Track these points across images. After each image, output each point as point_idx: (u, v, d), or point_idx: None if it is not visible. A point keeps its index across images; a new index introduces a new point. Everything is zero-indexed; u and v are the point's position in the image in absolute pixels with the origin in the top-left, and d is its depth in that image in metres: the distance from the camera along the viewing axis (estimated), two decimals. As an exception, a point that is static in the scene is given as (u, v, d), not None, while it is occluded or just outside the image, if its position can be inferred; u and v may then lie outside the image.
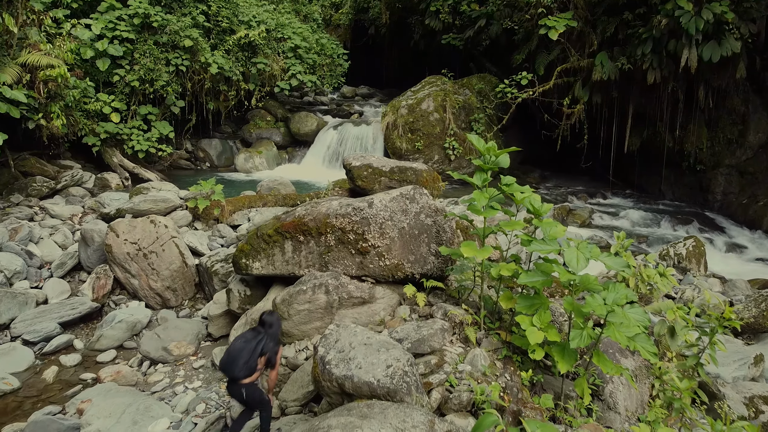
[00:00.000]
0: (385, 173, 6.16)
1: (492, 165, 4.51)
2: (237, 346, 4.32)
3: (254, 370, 4.32)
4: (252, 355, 4.28)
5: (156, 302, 7.61)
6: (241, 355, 4.25)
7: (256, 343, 4.33)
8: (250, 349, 4.28)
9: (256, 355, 4.30)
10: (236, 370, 4.24)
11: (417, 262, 5.32)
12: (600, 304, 4.02)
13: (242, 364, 4.24)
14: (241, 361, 4.24)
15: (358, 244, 5.29)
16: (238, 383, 4.29)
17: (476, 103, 15.13)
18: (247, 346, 4.30)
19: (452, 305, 5.14)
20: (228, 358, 4.28)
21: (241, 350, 4.27)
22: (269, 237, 5.68)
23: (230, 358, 4.26)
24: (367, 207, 5.31)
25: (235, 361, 4.25)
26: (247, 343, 4.31)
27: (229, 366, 4.26)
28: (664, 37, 11.34)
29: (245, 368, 4.26)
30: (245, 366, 4.25)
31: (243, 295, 6.24)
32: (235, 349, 4.30)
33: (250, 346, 4.30)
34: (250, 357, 4.26)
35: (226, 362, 4.28)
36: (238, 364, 4.23)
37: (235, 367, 4.24)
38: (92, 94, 12.79)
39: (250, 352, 4.28)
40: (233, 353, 4.28)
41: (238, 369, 4.23)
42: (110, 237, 7.49)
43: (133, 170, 13.48)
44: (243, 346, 4.30)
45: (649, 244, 10.33)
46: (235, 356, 4.26)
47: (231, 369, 4.25)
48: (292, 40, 16.27)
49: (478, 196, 4.22)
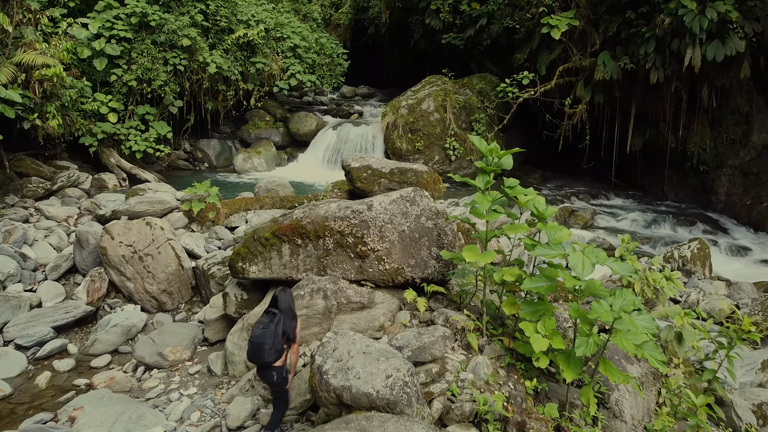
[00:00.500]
0: (385, 175, 6.03)
1: (494, 167, 4.38)
2: (258, 333, 4.39)
3: (282, 352, 4.45)
4: (276, 337, 4.39)
5: (152, 306, 7.48)
6: (266, 341, 4.33)
7: (275, 325, 4.42)
8: (272, 332, 4.38)
9: (279, 336, 4.41)
10: (265, 356, 4.33)
11: (417, 266, 5.19)
12: (607, 311, 3.89)
13: (269, 349, 4.33)
14: (267, 346, 4.32)
15: (357, 247, 5.16)
16: (269, 368, 4.38)
17: (477, 103, 14.99)
18: (268, 330, 4.38)
19: (453, 310, 5.00)
20: (254, 347, 4.36)
21: (264, 336, 4.36)
22: (266, 240, 5.55)
23: (256, 347, 4.35)
24: (367, 210, 5.17)
25: (261, 347, 4.33)
26: (267, 328, 4.40)
27: (257, 354, 4.34)
28: (667, 36, 11.20)
29: (273, 352, 4.36)
30: (273, 350, 4.35)
31: (240, 299, 6.11)
32: (258, 337, 4.37)
33: (270, 329, 4.39)
34: (274, 340, 4.37)
35: (253, 351, 4.36)
36: (265, 349, 4.32)
37: (264, 353, 4.32)
38: (89, 93, 12.65)
39: (273, 335, 4.37)
40: (257, 341, 4.36)
41: (267, 354, 4.32)
42: (105, 239, 7.36)
43: (131, 171, 13.34)
44: (264, 331, 4.38)
45: (652, 245, 10.19)
46: (260, 343, 4.34)
47: (260, 356, 4.33)
48: (291, 40, 16.13)
49: (481, 200, 4.09)
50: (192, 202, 6.39)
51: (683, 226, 11.34)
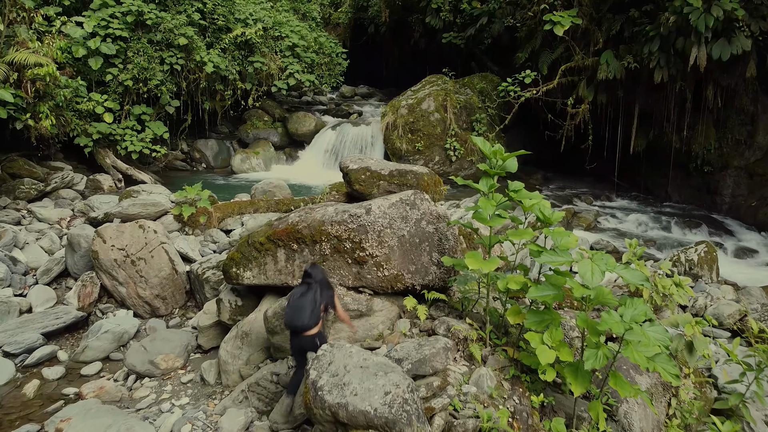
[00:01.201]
0: (384, 177, 5.83)
1: (498, 170, 4.18)
2: (297, 300, 4.45)
3: (320, 318, 4.51)
4: (315, 303, 4.45)
5: (145, 311, 7.28)
6: (305, 306, 4.40)
7: (313, 293, 4.47)
8: (311, 299, 4.45)
9: (318, 303, 4.48)
10: (306, 320, 4.38)
11: (418, 272, 4.99)
12: (617, 322, 3.70)
13: (309, 314, 4.39)
14: (308, 311, 4.38)
15: (354, 253, 4.96)
16: (309, 335, 4.41)
17: (478, 102, 14.79)
18: (306, 297, 4.45)
19: (455, 318, 4.81)
20: (294, 312, 4.42)
21: (304, 302, 4.43)
22: (261, 245, 5.35)
23: (296, 312, 4.40)
24: (365, 214, 4.98)
25: (301, 312, 4.39)
26: (305, 296, 4.46)
27: (297, 318, 4.39)
28: (672, 35, 11.00)
29: (313, 317, 4.42)
30: (312, 315, 4.41)
31: (234, 305, 5.91)
32: (297, 303, 4.44)
33: (309, 296, 4.45)
34: (314, 306, 4.43)
35: (294, 316, 4.41)
36: (306, 314, 4.38)
37: (304, 316, 4.38)
38: (84, 93, 12.44)
39: (312, 301, 4.44)
40: (297, 306, 4.42)
41: (308, 318, 4.38)
42: (97, 243, 7.16)
43: (127, 171, 13.14)
44: (303, 299, 4.44)
45: (657, 248, 10.00)
46: (300, 308, 4.40)
47: (300, 320, 4.37)
48: (289, 39, 15.93)
49: (484, 204, 3.90)
50: (182, 206, 6.13)
51: (688, 228, 11.14)
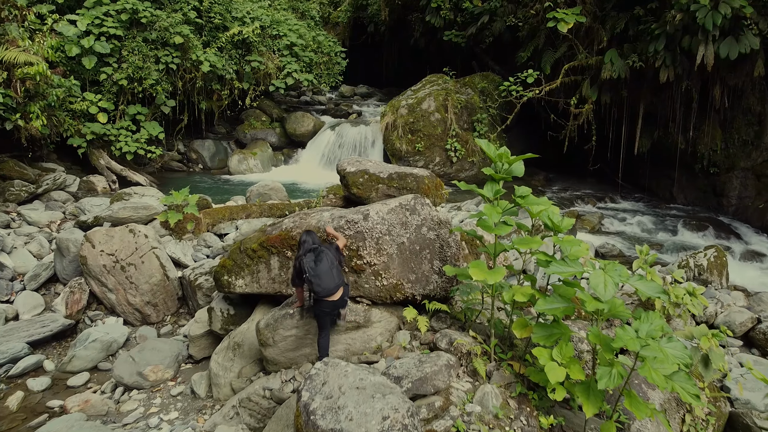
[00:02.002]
0: (383, 180, 5.58)
1: (504, 174, 3.93)
2: (317, 267, 4.37)
3: (343, 278, 4.52)
4: (333, 263, 4.43)
5: (135, 318, 7.03)
6: (329, 268, 4.37)
7: (325, 255, 4.43)
8: (328, 260, 4.42)
9: (334, 261, 4.46)
10: (338, 279, 4.38)
11: (418, 281, 4.73)
12: (632, 338, 3.44)
13: (337, 273, 4.40)
14: (334, 272, 4.38)
15: (351, 261, 4.71)
16: (342, 295, 4.41)
17: (479, 102, 14.53)
18: (323, 261, 4.40)
19: (458, 330, 4.56)
20: (323, 279, 4.33)
21: (324, 266, 4.38)
22: (253, 252, 5.10)
23: (326, 277, 4.34)
24: (362, 220, 4.72)
25: (329, 275, 4.35)
26: (321, 261, 4.40)
27: (332, 282, 4.34)
28: (678, 33, 10.73)
29: (340, 275, 4.44)
30: (339, 273, 4.43)
31: (226, 314, 5.66)
32: (320, 269, 4.36)
33: (324, 259, 4.41)
34: (334, 265, 4.42)
35: (328, 282, 4.33)
36: (335, 273, 4.37)
37: (336, 277, 4.37)
38: (78, 93, 12.19)
39: (330, 262, 4.41)
40: (322, 272, 4.35)
41: (338, 277, 4.38)
42: (85, 248, 6.91)
43: (121, 173, 12.88)
44: (321, 264, 4.38)
45: (663, 251, 9.73)
46: (326, 272, 4.35)
47: (335, 281, 4.35)
48: (288, 38, 15.66)
49: (490, 211, 3.64)
50: (168, 212, 5.80)
51: (694, 230, 10.88)
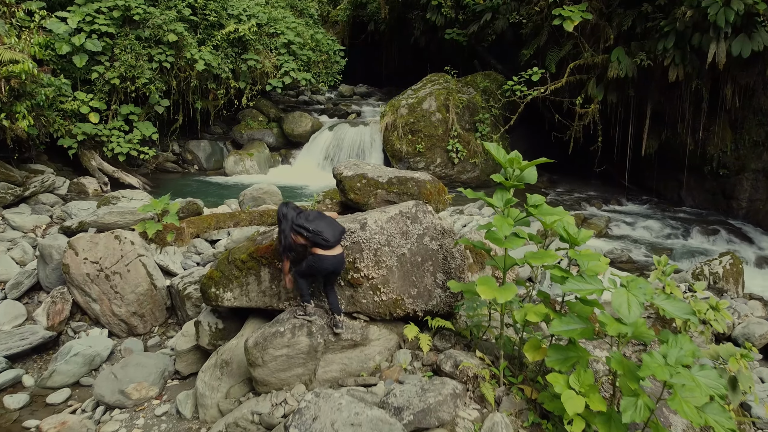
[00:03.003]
0: (382, 185, 5.22)
1: (515, 180, 3.56)
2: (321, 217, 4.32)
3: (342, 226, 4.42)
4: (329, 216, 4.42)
5: (121, 329, 6.67)
6: (325, 217, 4.34)
7: (314, 212, 4.39)
8: (315, 212, 4.39)
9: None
10: (338, 224, 4.29)
11: (420, 296, 4.37)
12: (661, 366, 3.08)
13: (338, 225, 4.29)
14: (335, 224, 4.28)
15: (348, 274, 4.34)
16: (341, 254, 4.27)
17: (481, 102, 14.16)
18: (319, 215, 4.36)
19: (463, 350, 4.19)
20: (330, 227, 4.24)
21: (330, 219, 4.34)
22: (243, 263, 4.74)
23: (333, 225, 4.26)
24: (359, 229, 4.36)
25: (335, 223, 4.29)
26: (323, 216, 4.36)
27: (339, 228, 4.26)
28: (688, 31, 10.37)
29: (339, 227, 4.30)
30: (338, 225, 4.31)
31: (214, 328, 5.30)
32: (324, 219, 4.31)
33: (311, 212, 4.38)
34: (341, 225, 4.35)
35: (335, 229, 4.24)
36: (339, 228, 4.27)
37: (334, 223, 4.28)
38: (69, 92, 11.83)
39: (316, 212, 4.39)
40: (327, 221, 4.28)
41: (341, 231, 4.27)
42: (68, 255, 6.55)
43: (113, 174, 12.52)
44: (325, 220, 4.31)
45: (674, 257, 9.37)
46: (331, 220, 4.30)
47: (335, 228, 4.24)
48: (285, 36, 15.30)
49: (500, 223, 3.28)
50: (145, 222, 5.34)
51: (705, 235, 10.52)
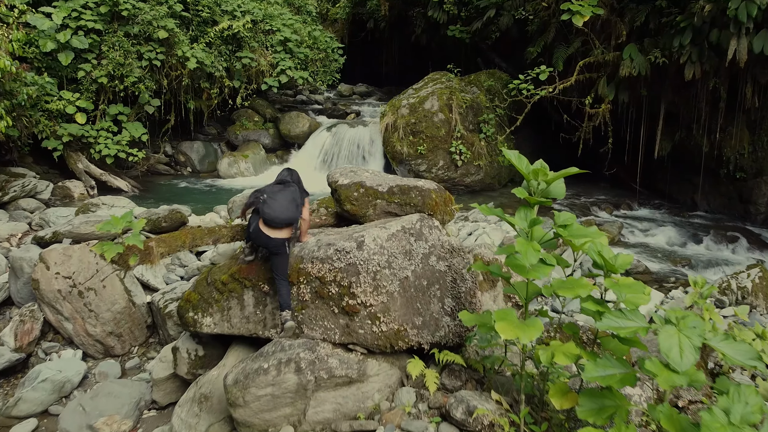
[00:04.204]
0: (382, 195, 4.65)
1: (541, 195, 2.99)
2: (277, 193, 4.05)
3: (299, 215, 4.09)
4: (296, 200, 4.07)
5: (96, 350, 6.10)
6: (288, 199, 4.01)
7: (292, 191, 4.10)
8: (292, 193, 4.08)
9: (299, 200, 4.10)
10: (291, 212, 3.98)
11: (426, 326, 3.80)
12: (723, 425, 2.51)
13: (295, 208, 4.02)
14: (293, 205, 4.01)
15: (342, 300, 3.78)
16: (282, 236, 3.91)
17: (485, 102, 13.58)
18: (286, 191, 4.08)
19: (476, 390, 3.63)
20: (276, 204, 3.96)
21: (285, 194, 4.05)
22: (223, 285, 4.17)
23: (279, 203, 3.96)
24: (356, 249, 3.79)
25: (284, 204, 3.97)
26: (284, 191, 4.08)
27: (282, 209, 3.94)
28: (706, 26, 9.80)
29: (297, 211, 4.05)
30: (297, 209, 4.04)
31: (194, 356, 4.73)
32: (278, 195, 4.02)
33: (288, 191, 4.08)
34: (296, 201, 4.06)
35: (277, 208, 3.93)
36: (293, 206, 4.00)
37: (291, 208, 3.98)
38: (54, 91, 11.26)
39: (293, 195, 4.07)
40: (281, 199, 4.00)
41: (293, 211, 3.99)
42: (39, 269, 5.99)
43: (101, 177, 11.96)
44: (283, 192, 4.05)
45: (693, 267, 8.80)
46: (282, 199, 3.99)
47: (286, 211, 3.94)
48: (281, 33, 14.72)
49: (524, 248, 2.70)
50: (103, 244, 4.29)
51: (724, 242, 9.95)
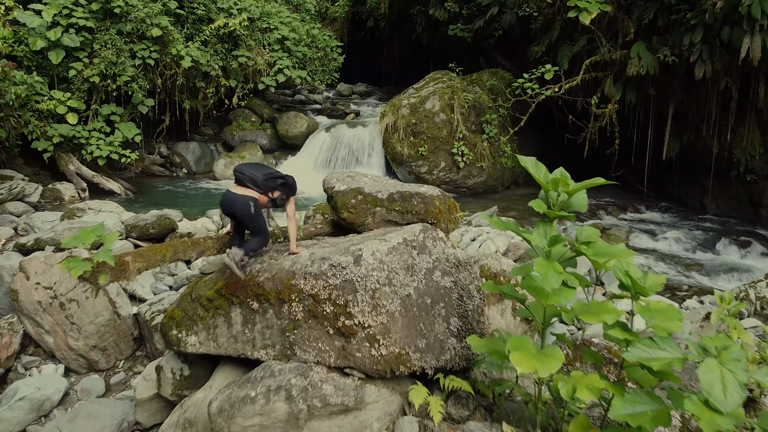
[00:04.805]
0: (382, 202, 4.31)
1: (561, 207, 2.66)
2: (259, 164, 4.07)
3: (270, 189, 3.92)
4: (275, 173, 4.00)
5: (79, 365, 5.76)
6: (264, 169, 3.97)
7: (279, 176, 4.01)
8: (275, 171, 4.04)
9: (277, 182, 3.95)
10: (259, 175, 3.87)
11: (429, 349, 3.46)
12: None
13: (266, 175, 3.91)
14: (264, 172, 3.93)
15: (338, 320, 3.44)
16: (247, 194, 3.81)
17: (488, 102, 13.24)
18: (271, 168, 4.06)
19: (485, 419, 3.29)
20: (248, 166, 3.94)
21: (262, 165, 4.04)
22: (209, 301, 3.83)
23: (251, 166, 3.95)
24: (353, 264, 3.45)
25: (257, 168, 3.93)
26: (264, 167, 4.06)
27: (249, 170, 3.88)
28: (718, 24, 9.47)
29: (268, 180, 3.90)
30: (269, 178, 3.91)
31: (179, 376, 4.38)
32: (258, 163, 4.04)
33: (274, 170, 4.06)
34: (273, 173, 3.97)
35: (246, 167, 3.91)
36: (261, 172, 3.91)
37: (259, 173, 3.89)
38: (45, 91, 10.93)
39: (274, 172, 4.01)
40: (253, 164, 4.00)
41: (262, 177, 3.87)
42: (18, 279, 5.65)
43: (93, 179, 11.61)
44: (261, 166, 4.03)
45: (706, 274, 8.46)
46: (256, 166, 3.97)
47: (252, 172, 3.86)
48: (279, 31, 14.38)
49: (544, 270, 2.36)
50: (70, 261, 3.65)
51: (736, 247, 9.60)
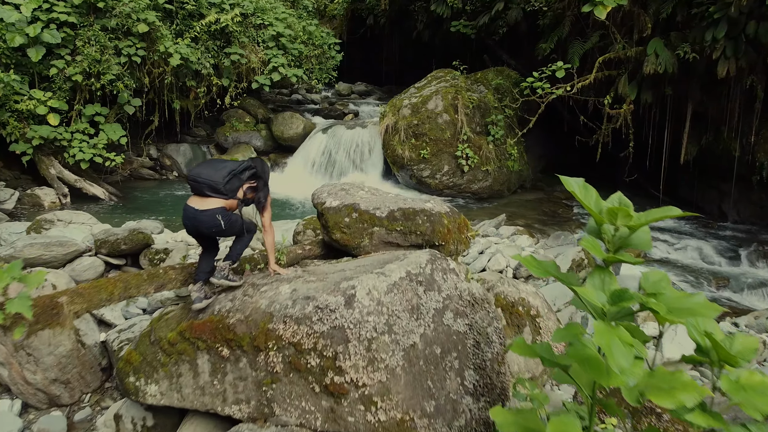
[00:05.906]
0: (381, 221, 3.65)
1: (619, 244, 1.99)
2: (217, 161, 3.64)
3: (235, 191, 3.53)
4: (241, 177, 3.54)
5: (39, 400, 5.08)
6: (225, 169, 3.49)
7: (244, 167, 3.60)
8: (236, 165, 3.58)
9: (244, 176, 3.57)
10: (219, 178, 3.42)
11: (440, 413, 2.78)
12: None
13: (226, 176, 3.45)
14: (226, 173, 3.46)
15: (325, 375, 2.76)
16: (210, 208, 3.39)
17: (493, 101, 12.57)
18: (230, 162, 3.61)
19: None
20: (206, 166, 3.51)
21: (226, 164, 3.55)
22: (171, 345, 3.16)
23: (209, 167, 3.50)
24: (344, 306, 2.77)
25: (217, 169, 3.47)
26: (222, 163, 3.60)
27: (208, 173, 3.42)
28: (743, 18, 8.81)
29: (229, 184, 3.45)
30: (229, 181, 3.45)
31: (140, 427, 3.71)
32: (216, 162, 3.61)
33: (235, 164, 3.60)
34: (234, 169, 3.51)
35: (203, 170, 3.45)
36: (222, 173, 3.45)
37: (219, 174, 3.43)
38: (23, 90, 10.28)
39: (235, 166, 3.56)
40: (213, 163, 3.56)
41: (222, 178, 3.42)
42: (-31, 304, 4.98)
43: (75, 184, 10.97)
44: (226, 162, 3.60)
45: (734, 290, 7.79)
46: (217, 165, 3.52)
47: (212, 175, 3.41)
48: (274, 27, 13.70)
49: (608, 340, 1.68)
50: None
51: (762, 258, 8.94)
